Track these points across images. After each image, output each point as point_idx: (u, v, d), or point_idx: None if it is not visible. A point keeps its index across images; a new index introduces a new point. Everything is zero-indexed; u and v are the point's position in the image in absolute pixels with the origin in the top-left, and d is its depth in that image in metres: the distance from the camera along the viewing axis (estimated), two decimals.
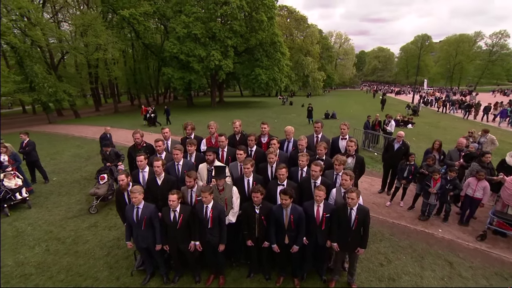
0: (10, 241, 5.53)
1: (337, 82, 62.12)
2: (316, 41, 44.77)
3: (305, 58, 41.84)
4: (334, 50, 60.28)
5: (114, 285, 4.24)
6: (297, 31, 44.50)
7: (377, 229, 5.41)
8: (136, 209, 3.78)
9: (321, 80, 44.44)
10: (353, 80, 75.55)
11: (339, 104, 31.77)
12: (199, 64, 24.63)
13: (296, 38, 44.69)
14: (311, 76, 42.69)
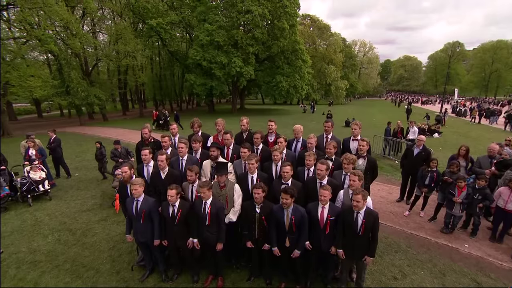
0: (28, 229, 5.81)
1: (360, 91, 60.45)
2: (339, 49, 44.11)
3: (327, 66, 41.29)
4: (358, 59, 58.98)
5: (114, 278, 4.23)
6: (320, 39, 44.21)
7: (392, 240, 4.96)
8: (135, 201, 3.76)
9: (344, 89, 43.49)
10: (377, 90, 73.11)
11: (361, 113, 30.73)
12: (220, 71, 25.19)
13: (319, 46, 44.39)
14: (333, 85, 41.95)
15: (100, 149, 8.52)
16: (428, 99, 53.05)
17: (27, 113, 40.15)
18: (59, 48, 20.20)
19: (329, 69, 40.78)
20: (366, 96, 70.34)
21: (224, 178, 3.84)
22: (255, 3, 23.16)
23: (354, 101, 57.66)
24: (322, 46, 44.56)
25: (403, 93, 74.84)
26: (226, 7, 25.67)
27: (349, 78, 50.04)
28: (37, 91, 16.70)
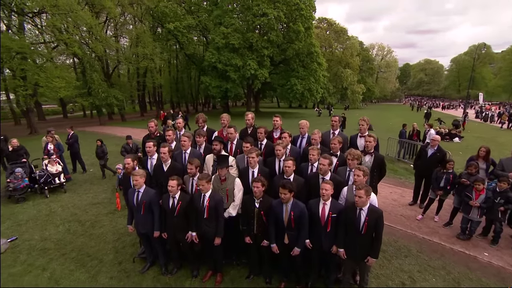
0: (42, 218, 6.07)
1: (377, 96, 58.78)
2: (356, 53, 43.25)
3: (344, 70, 40.59)
4: (376, 63, 57.52)
5: (116, 269, 4.28)
6: (336, 43, 43.61)
7: (402, 244, 4.68)
8: (136, 192, 3.79)
9: (360, 93, 42.50)
10: (395, 94, 70.72)
11: (377, 117, 29.84)
12: (235, 73, 25.42)
13: (335, 50, 43.80)
14: (349, 89, 41.12)
15: (101, 147, 8.66)
16: (450, 103, 50.65)
17: (54, 113, 42.42)
18: (83, 52, 21.28)
19: (345, 73, 40.06)
20: (383, 100, 68.39)
21: (225, 171, 3.79)
22: (271, 6, 23.26)
23: (371, 106, 56.22)
24: (338, 50, 43.93)
25: (423, 98, 71.94)
26: (242, 11, 25.98)
27: (366, 82, 48.88)
28: (61, 92, 17.60)
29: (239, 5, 25.82)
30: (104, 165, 8.84)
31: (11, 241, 5.10)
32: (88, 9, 20.19)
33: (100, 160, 8.77)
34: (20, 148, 7.96)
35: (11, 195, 7.05)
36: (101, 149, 8.63)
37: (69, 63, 29.00)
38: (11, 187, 7.02)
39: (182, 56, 35.51)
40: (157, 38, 28.09)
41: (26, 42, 18.07)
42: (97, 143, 8.71)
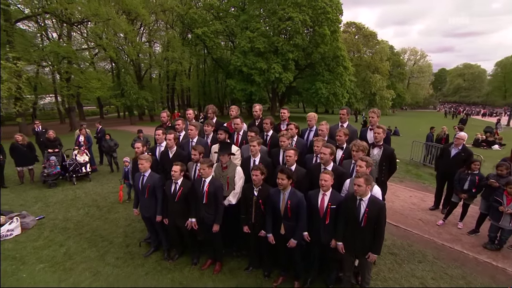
0: (68, 202, 6.58)
1: (408, 102, 55.37)
2: (386, 58, 41.35)
3: (372, 75, 39.03)
4: (407, 68, 54.43)
5: (123, 250, 4.46)
6: (365, 47, 42.14)
7: (417, 249, 4.30)
8: (142, 176, 3.94)
9: (390, 99, 40.46)
10: (428, 101, 65.82)
11: (407, 123, 28.25)
12: (260, 77, 25.64)
13: (364, 55, 42.36)
14: (378, 94, 39.36)
15: (108, 142, 9.02)
16: (493, 111, 46.16)
17: (93, 114, 46.01)
18: (118, 56, 22.96)
19: (374, 78, 38.48)
20: (416, 107, 64.32)
21: (227, 158, 3.79)
22: (296, 10, 23.23)
23: (401, 112, 53.27)
24: (367, 54, 42.40)
25: (461, 105, 66.21)
26: (267, 15, 26.28)
27: (396, 88, 46.39)
28: (97, 92, 19.09)
29: (265, 10, 26.16)
30: (112, 159, 9.25)
31: (39, 219, 5.59)
32: (125, 16, 21.78)
33: (106, 155, 9.28)
34: (56, 139, 8.68)
35: (45, 180, 7.72)
36: (107, 144, 9.03)
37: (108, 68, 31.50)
38: (45, 173, 7.72)
39: (210, 61, 36.67)
40: (186, 43, 29.38)
41: (72, 48, 20.04)
42: (106, 137, 9.16)
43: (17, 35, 17.34)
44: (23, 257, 4.30)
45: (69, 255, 4.35)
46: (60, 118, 33.06)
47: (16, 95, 15.09)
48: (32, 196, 7.01)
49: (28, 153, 7.99)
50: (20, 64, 14.23)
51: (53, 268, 4.02)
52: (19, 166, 7.92)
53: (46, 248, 4.56)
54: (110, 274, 3.87)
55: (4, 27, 14.88)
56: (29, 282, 3.72)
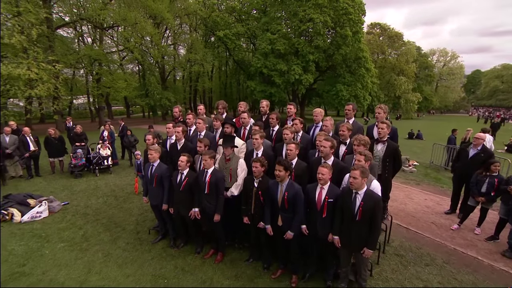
0: (89, 191, 7.08)
1: (436, 106, 52.13)
2: (412, 59, 39.40)
3: (397, 77, 37.43)
4: (436, 70, 51.31)
5: (133, 236, 4.73)
6: (390, 49, 40.56)
7: (426, 252, 4.11)
8: (151, 166, 4.16)
9: (416, 102, 38.52)
10: (459, 104, 61.28)
11: (433, 127, 26.79)
12: (280, 78, 25.65)
13: (388, 56, 40.79)
14: (403, 97, 37.66)
15: (129, 137, 9.56)
16: None
17: (121, 114, 48.69)
18: (144, 58, 24.16)
19: (399, 81, 36.87)
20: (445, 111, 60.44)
21: (230, 151, 3.90)
22: (317, 11, 22.98)
23: (428, 116, 50.45)
24: (392, 56, 40.78)
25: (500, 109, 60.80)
26: (288, 17, 26.28)
27: (422, 91, 44.00)
28: (122, 92, 20.21)
29: (286, 11, 26.18)
30: (131, 154, 9.77)
31: (64, 204, 6.10)
32: (151, 21, 22.88)
33: (126, 149, 9.83)
34: (82, 134, 9.34)
35: (72, 171, 8.37)
36: (127, 139, 9.60)
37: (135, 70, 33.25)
38: (72, 164, 8.36)
39: (232, 62, 37.33)
40: (209, 46, 30.19)
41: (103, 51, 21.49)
42: (127, 133, 9.71)
43: (57, 40, 18.89)
44: (47, 236, 4.72)
45: (86, 237, 4.69)
46: (91, 117, 35.28)
47: (54, 94, 16.42)
48: (60, 184, 7.61)
49: (59, 146, 8.67)
50: (58, 67, 15.47)
51: (71, 248, 4.37)
52: (51, 157, 8.62)
53: (67, 230, 4.97)
54: (119, 257, 4.12)
55: (47, 33, 16.27)
56: (50, 258, 4.08)
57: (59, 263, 3.96)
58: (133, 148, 9.74)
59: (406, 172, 8.63)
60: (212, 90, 38.50)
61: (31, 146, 8.16)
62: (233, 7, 30.36)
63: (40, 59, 14.27)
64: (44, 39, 16.47)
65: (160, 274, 3.71)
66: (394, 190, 6.82)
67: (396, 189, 6.92)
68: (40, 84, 14.42)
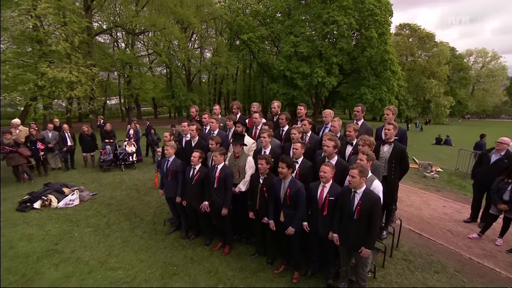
0: (115, 184, 7.66)
1: (472, 110, 48.25)
2: (445, 61, 37.09)
3: (427, 80, 35.46)
4: (472, 72, 47.56)
5: (150, 227, 5.09)
6: (420, 50, 38.56)
7: (436, 259, 3.96)
8: (167, 161, 4.48)
9: (448, 107, 36.15)
10: (500, 109, 56.06)
11: (465, 132, 25.01)
12: (302, 81, 25.59)
13: (418, 58, 38.77)
14: (433, 101, 35.56)
15: (152, 136, 10.08)
16: None
17: (149, 114, 51.28)
18: (171, 61, 25.41)
19: (429, 84, 34.88)
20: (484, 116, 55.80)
21: (239, 148, 4.09)
22: (341, 13, 22.63)
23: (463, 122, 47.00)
24: (422, 58, 38.74)
25: None
26: (312, 19, 26.16)
27: (456, 94, 41.13)
28: (150, 93, 21.38)
29: (310, 14, 26.07)
30: (154, 151, 10.30)
31: (92, 195, 6.69)
32: (178, 25, 24.04)
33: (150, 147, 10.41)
34: (111, 131, 10.08)
35: (101, 165, 9.08)
36: (151, 137, 10.17)
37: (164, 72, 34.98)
38: (101, 159, 9.08)
39: (255, 65, 37.85)
40: (233, 49, 30.92)
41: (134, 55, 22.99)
42: (151, 131, 10.26)
43: (95, 46, 20.55)
44: (77, 221, 5.25)
45: (109, 225, 5.14)
46: (121, 116, 37.59)
47: (90, 95, 17.85)
48: (91, 177, 8.31)
49: (91, 142, 9.46)
50: (94, 70, 16.83)
51: (96, 232, 4.83)
52: (84, 152, 9.42)
53: (93, 217, 5.48)
54: (136, 244, 4.47)
55: (87, 40, 17.81)
56: (78, 240, 4.54)
57: (85, 245, 4.40)
58: (156, 146, 10.32)
59: (427, 178, 8.25)
60: (236, 92, 39.23)
61: (69, 141, 9.01)
62: (258, 10, 30.83)
63: (80, 63, 15.64)
64: (84, 45, 18.01)
65: (170, 261, 3.98)
66: (411, 195, 6.61)
67: (413, 194, 6.68)
68: (79, 86, 15.77)
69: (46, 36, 14.41)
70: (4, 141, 7.08)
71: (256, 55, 31.37)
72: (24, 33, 14.67)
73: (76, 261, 3.95)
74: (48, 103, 15.96)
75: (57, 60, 15.69)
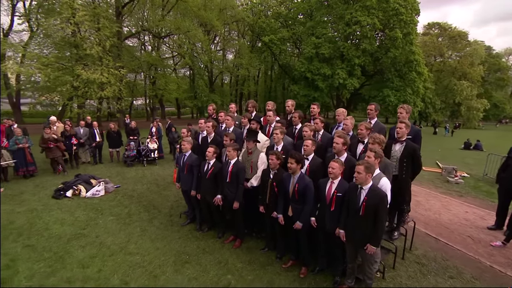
0: (137, 178, 8.11)
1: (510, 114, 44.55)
2: (479, 61, 34.64)
3: (458, 82, 33.38)
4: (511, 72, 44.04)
5: (167, 218, 5.37)
6: (451, 50, 36.43)
7: (452, 264, 3.81)
8: (183, 156, 4.71)
9: (481, 110, 33.73)
10: None
11: (499, 137, 23.21)
12: (323, 82, 25.26)
13: (448, 59, 36.63)
14: (464, 104, 33.39)
15: (173, 133, 10.48)
16: None
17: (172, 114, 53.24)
18: (194, 63, 26.29)
19: (459, 86, 32.78)
20: None
21: (252, 144, 4.21)
22: (365, 13, 22.05)
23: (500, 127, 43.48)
24: (453, 58, 36.57)
25: None
26: (334, 20, 25.77)
27: (491, 97, 38.27)
28: (173, 93, 22.25)
29: (332, 15, 25.70)
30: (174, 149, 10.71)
31: (116, 187, 7.15)
32: (201, 28, 24.81)
33: (170, 145, 10.85)
34: (135, 129, 10.66)
35: (125, 161, 9.64)
36: (172, 135, 10.60)
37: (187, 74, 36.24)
38: (126, 154, 9.65)
39: (277, 67, 37.98)
40: (255, 51, 31.27)
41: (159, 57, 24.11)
42: (172, 129, 10.68)
43: (124, 50, 21.81)
44: (102, 210, 5.67)
45: (130, 215, 5.49)
46: (146, 116, 39.36)
47: (118, 95, 18.98)
48: (116, 171, 8.86)
49: (117, 139, 10.08)
50: (123, 71, 17.88)
51: (117, 221, 5.19)
52: (111, 148, 10.07)
53: (116, 207, 5.88)
54: (153, 233, 4.75)
55: (117, 44, 18.98)
56: (102, 226, 4.92)
57: (108, 231, 4.75)
58: (176, 143, 10.75)
59: (451, 183, 7.85)
60: (258, 93, 39.57)
61: (97, 137, 9.68)
62: (280, 12, 30.94)
63: (110, 65, 16.72)
64: (114, 48, 19.20)
65: (183, 251, 4.20)
66: (430, 199, 6.35)
67: (433, 198, 6.41)
68: (108, 86, 16.85)
69: (82, 41, 15.58)
70: (44, 135, 7.81)
71: (278, 57, 31.47)
72: (64, 39, 15.99)
73: (99, 245, 4.29)
74: (82, 102, 17.18)
75: (90, 63, 16.94)
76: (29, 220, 5.06)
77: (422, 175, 9.38)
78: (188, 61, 23.36)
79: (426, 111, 31.44)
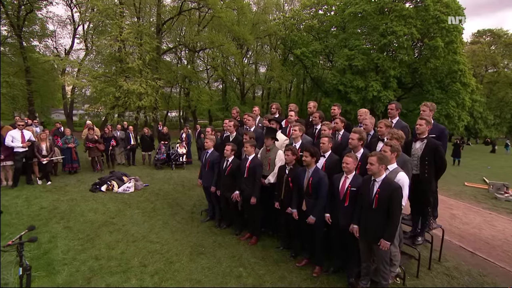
0: (165, 180, 8.58)
1: None
2: None
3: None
4: None
5: (188, 215, 5.59)
6: (506, 60, 33.18)
7: (491, 280, 3.37)
8: (206, 153, 4.93)
9: None
10: None
11: None
12: (356, 95, 24.60)
13: (504, 69, 33.29)
14: None
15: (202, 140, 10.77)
16: None
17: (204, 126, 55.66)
18: (226, 75, 27.44)
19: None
20: None
21: (270, 142, 4.28)
22: (401, 23, 21.27)
23: None
24: (509, 68, 33.19)
25: None
26: (368, 31, 25.26)
27: None
28: (205, 104, 23.31)
29: (366, 26, 25.24)
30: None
31: (145, 186, 7.62)
32: (234, 42, 25.98)
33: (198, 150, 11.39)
34: (167, 134, 11.36)
35: (156, 163, 10.27)
36: (201, 141, 10.98)
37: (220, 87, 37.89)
38: (156, 158, 10.30)
39: (309, 80, 37.93)
40: (287, 64, 31.71)
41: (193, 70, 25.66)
42: (201, 136, 11.13)
43: (162, 63, 23.67)
44: (130, 204, 6.09)
45: (154, 209, 5.82)
46: (179, 127, 41.66)
47: (154, 106, 20.47)
48: (146, 172, 9.46)
49: (149, 143, 10.82)
50: (159, 83, 19.36)
51: (143, 214, 5.53)
52: (143, 151, 10.83)
53: (143, 202, 6.27)
54: (174, 226, 4.97)
55: (155, 58, 20.73)
56: (129, 217, 5.29)
57: (133, 221, 5.09)
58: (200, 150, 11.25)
59: (499, 200, 6.99)
60: None
61: (132, 141, 10.49)
62: (312, 26, 31.17)
63: (148, 77, 18.23)
64: (153, 62, 20.95)
65: (200, 243, 4.31)
66: (469, 213, 5.72)
67: (473, 212, 5.76)
68: (146, 97, 18.30)
69: (126, 56, 17.31)
70: (88, 136, 8.74)
71: (310, 70, 31.47)
72: (111, 55, 17.94)
73: (125, 232, 4.60)
74: (122, 111, 18.82)
75: (131, 75, 18.64)
76: (70, 207, 5.67)
77: (464, 190, 8.55)
78: (220, 73, 24.45)
79: (475, 126, 28.65)
